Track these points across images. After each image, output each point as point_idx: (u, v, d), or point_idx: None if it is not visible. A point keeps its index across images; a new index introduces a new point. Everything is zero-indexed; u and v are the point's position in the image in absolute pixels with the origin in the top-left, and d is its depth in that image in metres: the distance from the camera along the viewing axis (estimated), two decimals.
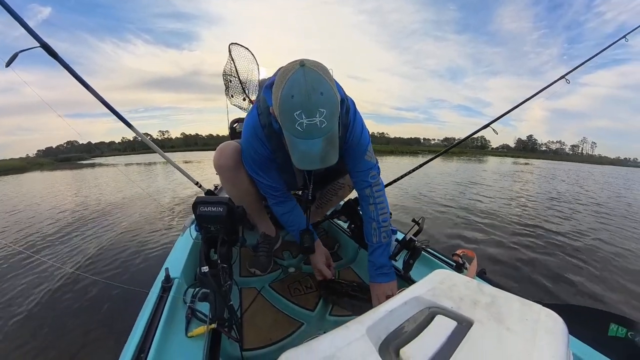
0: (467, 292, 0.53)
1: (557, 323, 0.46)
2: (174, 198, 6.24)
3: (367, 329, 0.45)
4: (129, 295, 1.94)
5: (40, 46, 1.13)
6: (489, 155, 56.56)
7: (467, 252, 1.11)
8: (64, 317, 1.99)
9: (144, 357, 0.64)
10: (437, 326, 0.46)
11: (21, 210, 5.66)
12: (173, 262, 1.13)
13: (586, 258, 3.09)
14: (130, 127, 1.46)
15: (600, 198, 7.75)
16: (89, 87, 1.28)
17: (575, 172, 19.86)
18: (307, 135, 0.71)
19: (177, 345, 0.73)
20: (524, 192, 8.19)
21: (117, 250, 3.14)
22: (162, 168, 15.74)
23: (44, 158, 63.54)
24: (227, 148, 1.13)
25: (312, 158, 0.74)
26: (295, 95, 0.68)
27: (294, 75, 0.69)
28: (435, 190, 7.25)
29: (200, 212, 0.81)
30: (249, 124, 1.02)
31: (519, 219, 4.64)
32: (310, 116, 0.69)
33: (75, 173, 16.85)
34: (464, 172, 13.44)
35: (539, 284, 2.49)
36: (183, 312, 0.83)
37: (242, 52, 1.84)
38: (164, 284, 0.93)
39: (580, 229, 4.25)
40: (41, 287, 2.36)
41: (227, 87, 1.84)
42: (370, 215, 1.09)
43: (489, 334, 0.44)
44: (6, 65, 1.03)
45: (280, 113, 0.73)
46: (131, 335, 0.73)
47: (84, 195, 7.49)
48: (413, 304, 0.51)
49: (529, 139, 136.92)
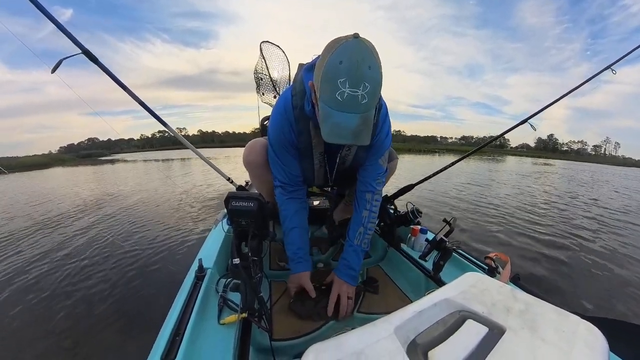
0: (500, 297, 0.51)
1: (596, 337, 0.43)
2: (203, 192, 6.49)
3: (396, 328, 0.45)
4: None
5: (82, 52, 1.19)
6: (508, 155, 52.68)
7: (501, 256, 1.07)
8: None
9: (179, 340, 0.68)
10: (467, 331, 0.45)
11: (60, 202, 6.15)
12: (206, 253, 1.18)
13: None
14: (166, 126, 1.53)
15: None
16: (128, 90, 1.35)
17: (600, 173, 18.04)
18: (345, 107, 0.69)
19: (210, 330, 0.77)
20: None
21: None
22: (180, 164, 16.49)
23: (66, 154, 65.46)
24: (256, 145, 1.15)
25: (345, 131, 0.71)
26: (344, 61, 0.66)
27: (347, 43, 0.67)
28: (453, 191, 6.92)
29: (232, 207, 0.84)
30: (280, 103, 1.01)
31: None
32: (354, 87, 0.67)
33: (109, 169, 17.03)
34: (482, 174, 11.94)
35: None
36: (215, 300, 0.87)
37: (273, 50, 1.86)
38: (198, 274, 0.98)
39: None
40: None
41: (258, 84, 1.87)
42: (361, 220, 1.10)
43: (522, 344, 0.42)
44: (52, 72, 1.11)
45: (322, 80, 0.70)
46: (167, 319, 0.77)
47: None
48: (443, 306, 0.50)
49: (549, 138, 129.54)
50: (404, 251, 1.32)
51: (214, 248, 1.22)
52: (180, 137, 1.61)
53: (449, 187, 7.02)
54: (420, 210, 1.32)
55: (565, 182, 11.23)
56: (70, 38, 1.18)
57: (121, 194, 6.58)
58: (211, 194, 6.13)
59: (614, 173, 20.30)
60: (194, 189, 6.90)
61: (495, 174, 12.47)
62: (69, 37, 1.18)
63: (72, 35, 1.18)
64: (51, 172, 17.47)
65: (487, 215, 4.68)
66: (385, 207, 1.41)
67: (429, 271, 1.12)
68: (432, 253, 1.11)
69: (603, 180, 13.56)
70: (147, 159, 26.87)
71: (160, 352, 0.64)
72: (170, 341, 0.68)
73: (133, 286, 2.34)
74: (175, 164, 17.32)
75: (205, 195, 6.14)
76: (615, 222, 4.79)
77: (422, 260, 1.16)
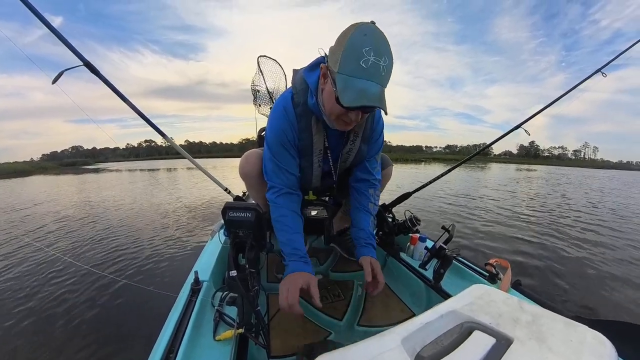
0: (507, 308, 0.50)
1: (604, 346, 0.42)
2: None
3: (403, 339, 0.44)
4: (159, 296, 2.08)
5: (83, 64, 1.19)
6: (492, 162, 53.05)
7: (501, 262, 1.06)
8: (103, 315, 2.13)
9: (173, 358, 0.66)
10: (474, 342, 0.44)
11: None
12: (202, 265, 1.15)
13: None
14: (164, 136, 1.53)
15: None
16: (129, 102, 1.35)
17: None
18: (369, 75, 0.72)
19: (205, 347, 0.74)
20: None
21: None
22: (170, 174, 16.37)
23: (49, 162, 64.44)
24: (253, 155, 1.15)
25: (370, 94, 0.73)
26: (368, 35, 0.71)
27: (366, 24, 0.73)
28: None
29: (229, 217, 0.83)
30: (280, 103, 1.02)
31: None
32: (378, 56, 0.71)
33: (95, 178, 16.87)
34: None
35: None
36: (211, 315, 0.85)
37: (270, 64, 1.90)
38: (193, 287, 0.95)
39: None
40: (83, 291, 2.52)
41: (255, 97, 1.90)
42: (369, 210, 1.16)
43: (530, 354, 0.41)
44: (52, 83, 1.09)
45: (345, 51, 0.73)
46: (161, 335, 0.75)
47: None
48: (450, 318, 0.49)
49: (531, 144, 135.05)
50: (403, 260, 1.30)
51: (210, 260, 1.20)
52: (179, 148, 1.60)
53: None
54: (419, 218, 1.31)
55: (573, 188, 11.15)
56: (72, 50, 1.18)
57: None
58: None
59: (598, 176, 20.54)
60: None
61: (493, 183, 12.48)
62: (70, 49, 1.17)
63: (73, 47, 1.18)
64: (33, 179, 17.20)
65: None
66: (383, 216, 1.40)
67: (429, 280, 1.10)
68: (432, 261, 1.09)
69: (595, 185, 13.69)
70: (133, 168, 26.59)
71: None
72: (164, 358, 0.66)
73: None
74: (165, 174, 17.22)
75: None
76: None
77: (422, 269, 1.15)
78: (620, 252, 3.57)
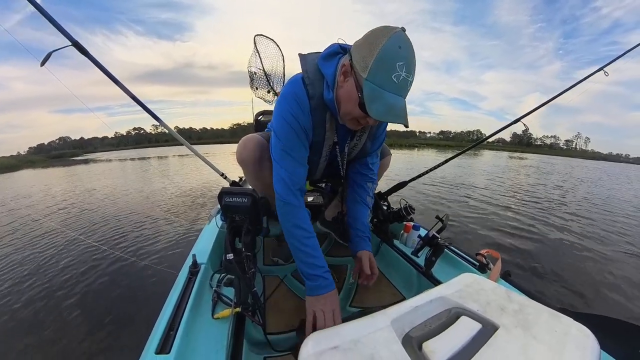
0: (495, 297, 0.52)
1: (588, 339, 0.44)
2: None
3: (392, 320, 0.46)
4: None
5: (72, 45, 1.14)
6: (485, 150, 52.93)
7: (492, 253, 1.09)
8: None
9: (173, 334, 0.68)
10: (461, 326, 0.46)
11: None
12: (200, 249, 1.17)
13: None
14: (159, 121, 1.48)
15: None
16: (119, 83, 1.31)
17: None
18: (398, 90, 0.73)
19: (204, 325, 0.77)
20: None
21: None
22: (157, 162, 16.11)
23: (36, 155, 61.38)
24: (250, 141, 1.12)
25: (400, 111, 0.75)
26: (403, 47, 0.71)
27: (400, 33, 0.72)
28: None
29: (225, 203, 0.83)
30: (291, 91, 0.92)
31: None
32: (409, 72, 0.72)
33: (85, 170, 15.54)
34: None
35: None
36: (209, 295, 0.87)
37: (267, 44, 1.83)
38: (192, 269, 0.97)
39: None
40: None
41: (252, 79, 1.85)
42: (368, 204, 1.18)
43: (514, 340, 0.43)
44: (41, 65, 1.06)
45: (377, 61, 0.71)
46: (161, 313, 0.77)
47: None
48: (439, 303, 0.52)
49: (524, 133, 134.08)
50: (396, 247, 1.33)
51: (207, 244, 1.22)
52: (174, 133, 1.59)
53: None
54: (413, 207, 1.33)
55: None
56: (59, 29, 1.14)
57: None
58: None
59: (596, 167, 20.57)
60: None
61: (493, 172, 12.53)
62: (57, 28, 1.13)
63: (61, 26, 1.14)
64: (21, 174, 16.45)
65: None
66: (379, 204, 1.42)
67: (421, 267, 1.13)
68: (424, 249, 1.12)
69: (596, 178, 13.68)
70: (124, 157, 25.94)
71: (154, 346, 0.64)
72: (164, 335, 0.68)
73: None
74: (156, 162, 16.93)
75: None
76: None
77: (414, 256, 1.18)
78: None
